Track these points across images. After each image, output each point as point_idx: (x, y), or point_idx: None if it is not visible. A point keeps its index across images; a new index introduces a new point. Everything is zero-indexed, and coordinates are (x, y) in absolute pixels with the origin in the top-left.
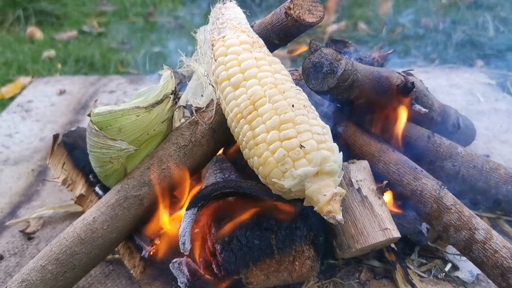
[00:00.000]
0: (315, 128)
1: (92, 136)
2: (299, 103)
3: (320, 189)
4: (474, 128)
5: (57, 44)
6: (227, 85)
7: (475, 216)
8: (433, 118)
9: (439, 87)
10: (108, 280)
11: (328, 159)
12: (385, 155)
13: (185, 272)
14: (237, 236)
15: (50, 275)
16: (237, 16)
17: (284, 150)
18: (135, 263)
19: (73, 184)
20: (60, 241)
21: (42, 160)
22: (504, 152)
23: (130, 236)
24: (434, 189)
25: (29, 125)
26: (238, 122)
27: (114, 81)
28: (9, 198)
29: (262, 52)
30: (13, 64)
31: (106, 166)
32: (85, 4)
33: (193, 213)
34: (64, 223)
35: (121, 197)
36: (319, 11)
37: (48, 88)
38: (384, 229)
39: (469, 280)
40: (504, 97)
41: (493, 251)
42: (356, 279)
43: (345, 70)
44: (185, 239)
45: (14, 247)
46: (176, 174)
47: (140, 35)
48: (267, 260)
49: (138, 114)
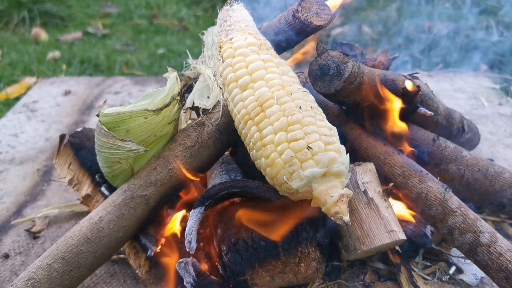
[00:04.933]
0: (322, 130)
1: (101, 136)
2: (307, 104)
3: (327, 190)
4: (478, 132)
5: (62, 45)
6: (235, 86)
7: (480, 219)
8: (438, 121)
9: (443, 91)
10: (114, 280)
11: (336, 160)
12: (390, 158)
13: (191, 272)
14: (243, 237)
15: (56, 274)
16: (244, 18)
17: (292, 152)
18: (140, 263)
19: (79, 184)
20: (67, 240)
21: (47, 160)
22: (508, 156)
23: (136, 236)
24: (439, 192)
25: (35, 125)
26: (245, 124)
27: (119, 82)
28: (15, 197)
29: (270, 54)
30: (18, 65)
31: (114, 166)
32: (89, 5)
33: (199, 212)
34: (69, 223)
35: (127, 197)
36: (326, 14)
37: (53, 89)
38: (390, 231)
39: (474, 283)
40: (508, 102)
41: (497, 254)
42: (360, 281)
43: (352, 73)
44: (191, 238)
45: (19, 246)
46: (182, 175)
47: (145, 37)
48: (272, 261)
49: (147, 116)
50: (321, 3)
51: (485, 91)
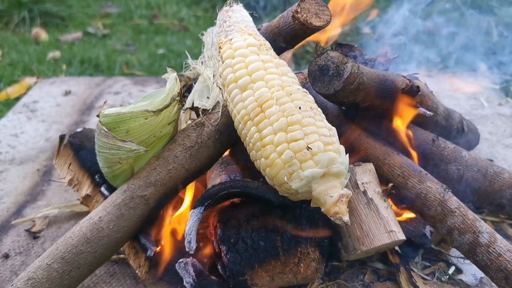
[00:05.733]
0: (321, 130)
1: (101, 136)
2: (306, 105)
3: (327, 191)
4: (478, 132)
5: (62, 45)
6: (234, 87)
7: (479, 220)
8: (438, 121)
9: (443, 91)
10: (113, 280)
11: (335, 161)
12: (390, 158)
13: (191, 272)
14: (242, 237)
15: (56, 274)
16: (244, 19)
17: (291, 152)
18: (140, 263)
19: (79, 184)
20: (66, 240)
21: (47, 160)
22: (508, 157)
23: (136, 236)
24: (439, 192)
25: (35, 125)
26: (245, 124)
27: (119, 82)
28: (15, 197)
29: (269, 55)
30: (18, 65)
31: (114, 166)
32: (90, 5)
33: (199, 212)
34: (69, 223)
35: (127, 197)
36: (326, 15)
37: (53, 89)
38: (390, 232)
39: (473, 283)
40: (507, 102)
41: (497, 254)
42: (360, 281)
43: (351, 73)
44: (191, 238)
45: (19, 246)
46: (182, 175)
47: (145, 37)
48: (272, 262)
49: (147, 117)
50: (320, 4)
51: (485, 91)
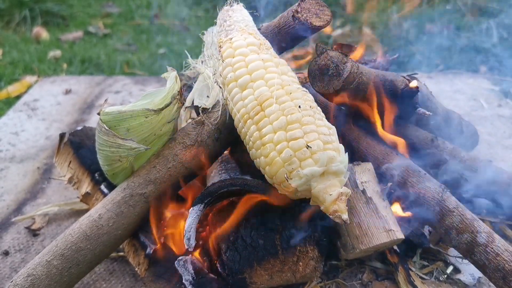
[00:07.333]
0: (321, 129)
1: (102, 134)
2: (306, 104)
3: (326, 189)
4: (477, 133)
5: (63, 45)
6: (234, 86)
7: (477, 219)
8: (437, 122)
9: (442, 92)
10: (113, 277)
11: (334, 159)
12: (388, 158)
13: (190, 270)
14: (242, 235)
15: (55, 270)
16: (244, 18)
17: (291, 150)
18: (139, 260)
19: (79, 182)
20: (66, 237)
21: (47, 158)
22: (507, 158)
23: (135, 234)
24: (437, 192)
25: (35, 123)
26: (245, 123)
27: (119, 81)
28: (15, 195)
29: (269, 54)
30: (19, 64)
31: (114, 164)
32: (91, 5)
33: (199, 209)
34: (69, 221)
35: (127, 194)
36: (326, 15)
37: (54, 88)
38: (389, 231)
39: (471, 282)
40: (507, 103)
41: (494, 254)
42: (358, 280)
43: (351, 73)
44: (190, 235)
45: (19, 243)
46: (182, 173)
47: (146, 37)
48: (271, 260)
49: (147, 115)
50: (320, 4)
51: (485, 92)
